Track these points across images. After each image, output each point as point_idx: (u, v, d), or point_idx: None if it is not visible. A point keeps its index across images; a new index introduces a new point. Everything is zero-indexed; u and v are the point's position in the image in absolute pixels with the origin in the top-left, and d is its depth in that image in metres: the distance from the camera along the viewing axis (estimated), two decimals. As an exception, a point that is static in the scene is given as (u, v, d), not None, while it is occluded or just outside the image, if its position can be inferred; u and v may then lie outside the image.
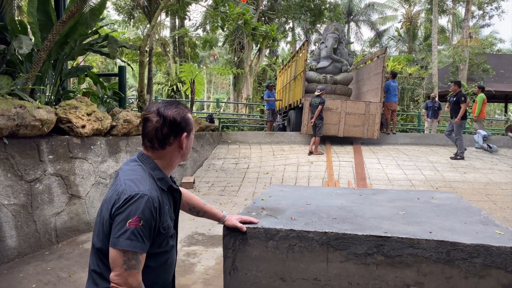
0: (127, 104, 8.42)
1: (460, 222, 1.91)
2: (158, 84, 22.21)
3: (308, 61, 12.62)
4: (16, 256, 4.01)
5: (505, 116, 21.48)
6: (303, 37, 26.98)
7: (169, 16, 21.35)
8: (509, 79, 20.28)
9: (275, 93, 12.59)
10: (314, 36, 23.22)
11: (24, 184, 4.25)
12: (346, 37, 15.26)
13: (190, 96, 12.05)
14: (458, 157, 9.26)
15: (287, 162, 9.13)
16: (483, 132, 10.51)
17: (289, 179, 8.02)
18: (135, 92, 25.54)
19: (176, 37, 21.91)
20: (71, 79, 8.94)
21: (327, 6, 22.27)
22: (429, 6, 25.47)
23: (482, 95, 10.71)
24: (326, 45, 12.25)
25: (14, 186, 4.13)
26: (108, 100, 7.02)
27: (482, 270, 1.56)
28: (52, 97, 5.89)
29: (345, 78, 12.17)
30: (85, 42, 6.25)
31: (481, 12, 25.12)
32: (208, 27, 22.04)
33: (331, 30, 12.30)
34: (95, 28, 6.33)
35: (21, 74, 5.29)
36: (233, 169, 8.81)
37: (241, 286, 1.79)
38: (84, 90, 7.48)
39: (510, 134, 11.47)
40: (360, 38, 34.03)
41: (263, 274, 1.76)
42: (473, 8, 23.42)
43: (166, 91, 21.35)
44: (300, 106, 11.19)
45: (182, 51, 22.16)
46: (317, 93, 9.75)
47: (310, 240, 1.72)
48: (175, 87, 21.02)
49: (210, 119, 12.59)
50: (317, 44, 13.21)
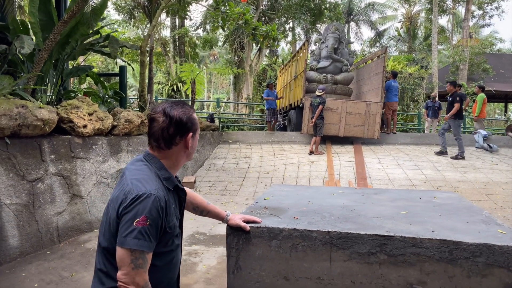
0: (127, 104, 8.42)
1: (462, 221, 1.92)
2: (159, 83, 22.20)
3: (309, 61, 12.62)
4: (18, 255, 4.02)
5: (505, 115, 21.52)
6: (303, 37, 26.98)
7: (169, 16, 21.33)
8: (509, 79, 20.29)
9: (275, 92, 12.59)
10: (315, 36, 23.22)
11: (26, 184, 4.26)
12: (346, 37, 15.26)
13: (190, 95, 12.06)
14: (459, 156, 9.27)
15: (287, 161, 9.14)
16: (484, 132, 10.52)
17: (289, 179, 8.03)
18: (135, 92, 25.56)
19: (177, 36, 21.91)
20: (71, 79, 8.94)
21: (327, 6, 22.26)
22: (429, 6, 25.47)
23: (482, 95, 10.73)
24: (327, 45, 12.24)
25: (16, 186, 4.14)
26: (109, 100, 7.03)
27: (485, 269, 1.57)
28: (53, 97, 5.90)
29: (345, 78, 12.17)
30: (86, 42, 6.26)
31: (481, 12, 25.13)
32: (208, 27, 22.04)
33: (331, 30, 12.30)
34: (96, 28, 6.33)
35: (22, 74, 5.30)
36: (233, 168, 8.81)
37: (244, 285, 1.79)
38: (85, 90, 7.49)
39: (510, 133, 11.49)
40: (360, 38, 34.04)
41: (267, 273, 1.77)
42: (473, 8, 23.42)
43: (167, 90, 21.35)
44: (300, 106, 11.20)
45: (182, 51, 22.15)
46: (318, 93, 9.75)
47: (313, 239, 1.72)
48: (175, 86, 21.02)
49: (211, 119, 12.60)
50: (317, 44, 13.21)
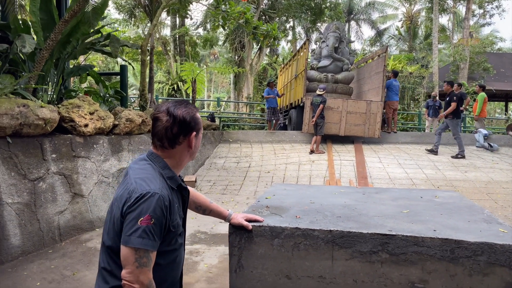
0: (128, 103, 8.42)
1: (463, 220, 1.92)
2: (159, 83, 22.20)
3: (309, 60, 12.61)
4: (20, 254, 4.03)
5: (505, 115, 21.51)
6: (303, 36, 26.97)
7: (170, 15, 21.32)
8: (509, 78, 20.27)
9: (276, 90, 12.58)
10: (315, 35, 23.22)
11: (28, 183, 4.26)
12: (347, 36, 15.26)
13: (191, 95, 12.06)
14: (459, 155, 9.27)
15: (288, 161, 9.15)
16: (484, 131, 10.52)
17: (290, 178, 8.04)
18: (135, 91, 25.55)
19: (177, 36, 21.90)
20: (72, 78, 8.94)
21: (328, 4, 22.28)
22: (429, 5, 25.46)
23: (483, 94, 10.73)
24: (327, 44, 12.23)
25: (18, 185, 4.15)
26: (109, 99, 7.03)
27: (486, 268, 1.58)
28: (54, 96, 5.91)
29: (346, 77, 12.16)
30: (87, 41, 6.26)
31: (481, 10, 25.10)
32: (208, 26, 22.04)
33: (332, 29, 12.28)
34: (97, 27, 6.33)
35: (24, 73, 5.31)
36: (234, 168, 8.82)
37: (246, 283, 1.80)
38: (86, 89, 7.49)
39: (510, 133, 11.49)
40: (360, 37, 33.99)
41: (269, 272, 1.77)
42: (473, 6, 23.40)
43: (167, 90, 21.35)
44: (301, 105, 11.20)
45: (183, 50, 22.14)
46: (319, 92, 9.76)
47: (315, 238, 1.73)
48: (175, 86, 21.03)
49: (212, 118, 12.61)
50: (318, 43, 13.20)
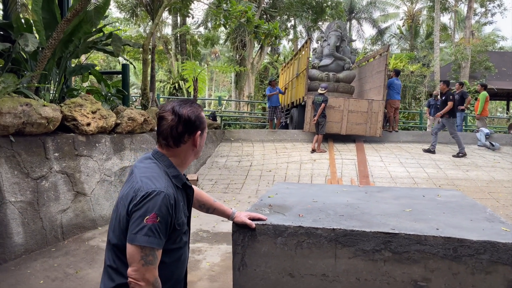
0: (130, 102, 8.44)
1: (466, 219, 1.93)
2: (160, 82, 22.22)
3: (311, 59, 12.60)
4: (23, 252, 4.05)
5: (507, 114, 21.47)
6: (304, 34, 26.96)
7: (171, 14, 21.32)
8: (511, 76, 20.22)
9: (277, 89, 12.59)
10: (316, 34, 23.21)
11: (31, 182, 4.28)
12: (348, 35, 15.24)
13: (192, 94, 12.07)
14: (460, 154, 9.27)
15: (289, 160, 9.16)
16: (486, 130, 10.52)
17: (292, 177, 8.04)
18: (136, 90, 25.56)
19: (178, 34, 21.91)
20: (73, 77, 8.95)
21: (329, 3, 22.25)
22: (431, 4, 25.43)
23: (484, 93, 10.73)
24: (329, 43, 12.22)
25: (21, 183, 4.17)
26: (111, 98, 7.04)
27: (489, 266, 1.59)
28: (57, 95, 5.92)
29: (347, 76, 12.16)
30: (89, 40, 6.27)
31: (483, 9, 25.06)
32: (210, 25, 22.03)
33: (333, 28, 12.27)
34: (99, 26, 6.34)
35: (26, 72, 5.32)
36: (236, 166, 8.83)
37: (250, 282, 1.81)
38: (87, 88, 7.50)
39: (512, 132, 11.48)
40: (361, 35, 34.01)
41: (272, 270, 1.78)
42: (475, 5, 23.34)
43: (168, 88, 21.37)
44: (302, 104, 11.20)
45: (184, 49, 22.15)
46: (320, 91, 9.75)
47: (319, 236, 1.74)
48: (177, 85, 21.04)
49: (213, 117, 12.62)
50: (319, 42, 13.19)
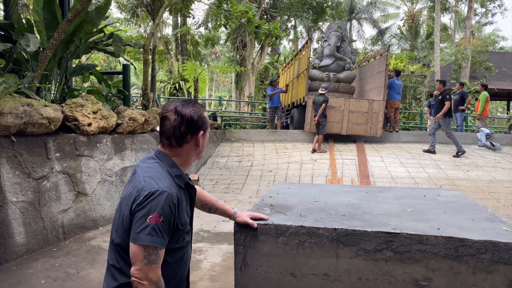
0: (131, 102, 8.45)
1: (467, 219, 1.94)
2: (161, 82, 22.22)
3: (311, 59, 12.60)
4: (25, 252, 4.06)
5: (507, 114, 21.46)
6: (305, 35, 26.96)
7: (172, 14, 21.33)
8: (511, 77, 20.22)
9: (278, 88, 12.60)
10: (317, 34, 23.22)
11: (32, 182, 4.29)
12: (349, 35, 15.25)
13: (193, 94, 12.08)
14: (460, 153, 9.27)
15: (290, 160, 9.16)
16: (486, 130, 10.52)
17: (292, 177, 8.05)
18: (136, 90, 25.58)
19: (179, 35, 21.92)
20: (73, 77, 8.96)
21: (329, 4, 22.26)
22: (431, 4, 25.43)
23: (485, 93, 10.73)
24: (329, 43, 12.22)
25: (22, 184, 4.17)
26: (112, 98, 7.05)
27: (490, 265, 1.59)
28: (58, 95, 5.93)
29: (348, 76, 12.16)
30: (90, 41, 6.27)
31: (483, 10, 25.06)
32: (210, 25, 22.04)
33: (334, 28, 12.28)
34: (100, 27, 6.35)
35: (27, 73, 5.33)
36: (236, 167, 8.84)
37: (252, 281, 1.82)
38: (88, 88, 7.51)
39: (512, 132, 11.48)
40: (362, 36, 34.00)
41: (274, 269, 1.79)
42: (475, 5, 23.34)
43: (169, 89, 21.37)
44: (303, 104, 11.20)
45: (184, 49, 22.15)
46: (321, 91, 9.76)
47: (320, 236, 1.75)
48: (177, 85, 21.04)
49: (214, 117, 12.63)
50: (320, 42, 13.20)
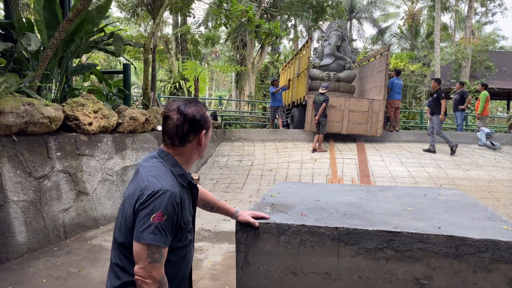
0: (131, 102, 8.45)
1: (467, 218, 1.94)
2: (161, 81, 22.22)
3: (311, 58, 12.60)
4: (26, 251, 4.07)
5: (507, 113, 21.45)
6: (305, 34, 26.96)
7: (172, 14, 21.32)
8: (511, 76, 20.22)
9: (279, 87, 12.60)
10: (317, 34, 23.21)
11: (33, 181, 4.30)
12: (349, 34, 15.23)
13: (193, 93, 12.08)
14: (453, 148, 9.32)
15: (290, 159, 9.17)
16: (486, 130, 10.53)
17: (293, 176, 8.06)
18: (137, 90, 25.57)
19: (179, 34, 21.91)
20: (74, 77, 8.96)
21: (330, 3, 22.24)
22: (431, 3, 25.42)
23: (485, 93, 10.73)
24: (329, 42, 12.22)
25: (23, 183, 4.18)
26: (113, 98, 7.06)
27: (491, 264, 1.60)
28: (58, 94, 5.93)
29: (348, 76, 12.16)
30: (90, 40, 6.28)
31: (483, 9, 25.07)
32: (210, 24, 22.03)
33: (334, 27, 12.27)
34: (100, 26, 6.35)
35: (28, 72, 5.33)
36: (237, 166, 8.85)
37: (253, 280, 1.83)
38: (89, 87, 7.52)
39: (513, 131, 11.48)
40: (362, 35, 33.97)
41: (275, 268, 1.80)
42: (475, 5, 23.34)
43: (169, 88, 21.37)
44: (303, 103, 11.20)
45: (185, 49, 22.15)
46: (321, 90, 9.76)
47: (321, 235, 1.76)
48: (177, 84, 21.04)
49: (214, 116, 12.62)
50: (320, 41, 13.19)
